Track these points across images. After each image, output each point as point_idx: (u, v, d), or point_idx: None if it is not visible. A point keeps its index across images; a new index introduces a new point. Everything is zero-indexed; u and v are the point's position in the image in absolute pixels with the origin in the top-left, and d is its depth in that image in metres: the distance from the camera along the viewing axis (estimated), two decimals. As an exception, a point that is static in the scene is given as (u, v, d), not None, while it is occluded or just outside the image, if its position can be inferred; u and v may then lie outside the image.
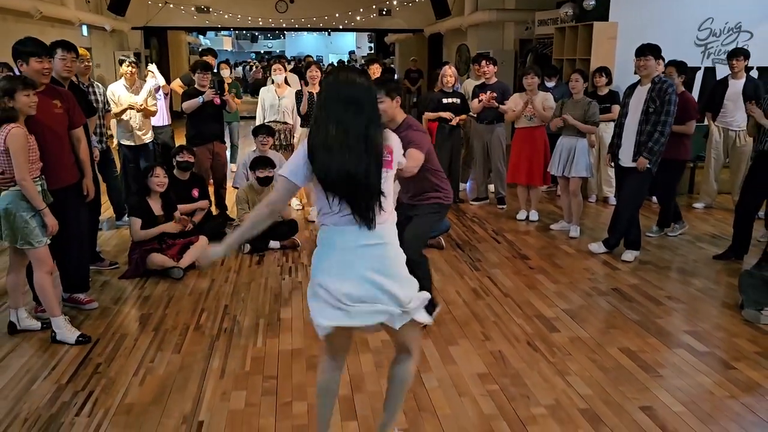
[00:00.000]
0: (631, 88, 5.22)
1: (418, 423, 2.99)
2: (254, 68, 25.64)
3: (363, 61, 28.30)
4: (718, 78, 7.39)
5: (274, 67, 6.93)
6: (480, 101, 6.96)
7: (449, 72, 7.31)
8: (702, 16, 7.58)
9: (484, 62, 7.15)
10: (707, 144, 7.05)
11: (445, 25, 14.51)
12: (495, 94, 6.80)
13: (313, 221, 6.59)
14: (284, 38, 34.11)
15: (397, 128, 3.55)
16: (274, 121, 6.81)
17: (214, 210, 6.41)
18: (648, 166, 4.96)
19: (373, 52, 26.13)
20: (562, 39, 8.47)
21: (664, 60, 5.67)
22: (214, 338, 3.91)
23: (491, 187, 7.53)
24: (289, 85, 7.18)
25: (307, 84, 6.76)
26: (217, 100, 6.15)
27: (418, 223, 3.91)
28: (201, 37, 27.48)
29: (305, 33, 30.60)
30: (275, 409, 3.11)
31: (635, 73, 5.28)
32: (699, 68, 7.77)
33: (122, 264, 5.19)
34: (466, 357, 3.65)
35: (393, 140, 2.45)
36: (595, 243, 5.59)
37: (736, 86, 6.53)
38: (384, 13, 16.41)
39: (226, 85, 7.98)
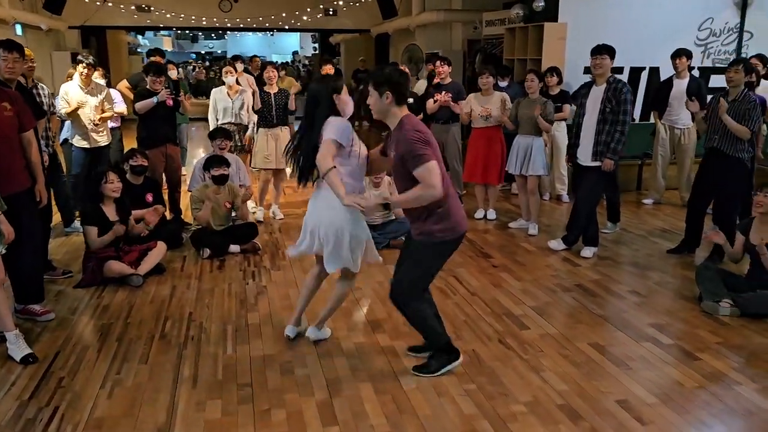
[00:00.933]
0: (587, 88, 5.34)
1: (399, 425, 2.97)
2: (197, 69, 25.10)
3: (306, 62, 28.13)
4: (662, 78, 7.67)
5: (225, 69, 6.78)
6: (436, 101, 7.00)
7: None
8: (647, 18, 7.83)
9: (438, 62, 7.20)
10: (654, 142, 7.30)
11: (393, 25, 14.57)
12: (450, 95, 6.86)
13: (261, 221, 6.50)
14: (226, 38, 33.48)
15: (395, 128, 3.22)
16: (228, 123, 6.68)
17: (168, 215, 6.24)
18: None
19: (317, 52, 25.94)
20: (512, 39, 8.61)
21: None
22: (181, 347, 3.79)
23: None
24: (240, 86, 7.05)
25: (264, 84, 6.65)
26: (170, 102, 5.98)
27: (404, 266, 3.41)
28: (139, 37, 26.70)
29: (248, 33, 30.14)
30: (253, 417, 3.04)
31: (589, 72, 5.41)
32: (644, 68, 8.03)
33: (76, 272, 4.97)
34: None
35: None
36: (555, 240, 5.70)
37: (681, 85, 6.78)
38: (330, 13, 16.33)
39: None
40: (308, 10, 15.79)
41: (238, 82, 7.10)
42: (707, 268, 4.53)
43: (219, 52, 34.76)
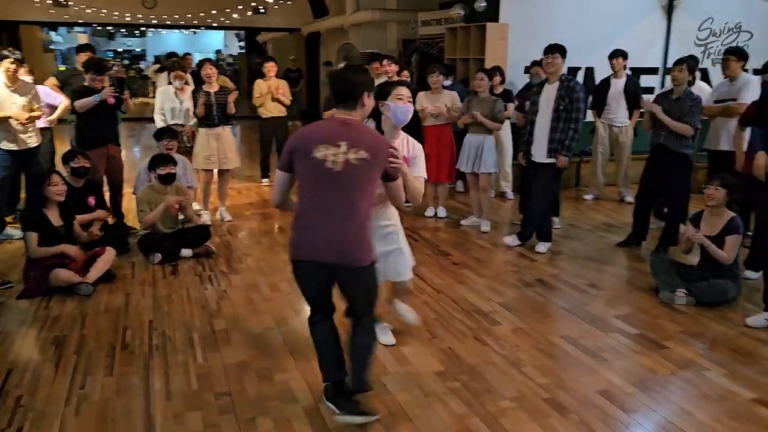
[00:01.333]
0: (539, 87, 5.45)
1: (393, 427, 2.92)
2: (116, 67, 24.05)
3: (231, 60, 27.45)
4: (596, 77, 7.95)
5: (174, 74, 6.52)
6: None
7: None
8: (582, 19, 8.08)
9: (385, 61, 7.18)
10: (594, 139, 7.55)
11: (325, 24, 14.44)
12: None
13: (209, 224, 6.28)
14: (146, 36, 32.24)
15: None
16: (175, 124, 6.42)
17: (110, 219, 5.92)
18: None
19: (244, 51, 25.40)
20: (453, 39, 8.70)
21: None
22: (147, 357, 3.59)
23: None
24: (189, 86, 6.80)
25: (203, 83, 6.40)
26: (112, 100, 5.67)
27: None
28: (52, 33, 25.36)
29: (169, 30, 29.12)
30: (238, 427, 2.91)
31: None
32: (580, 68, 8.29)
33: (16, 282, 4.63)
34: (419, 357, 3.62)
35: None
36: (510, 236, 5.79)
37: (618, 85, 7.05)
38: (261, 11, 16.01)
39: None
40: (240, 7, 15.41)
41: (186, 83, 6.85)
42: (661, 260, 4.72)
43: (138, 50, 33.39)
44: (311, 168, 2.66)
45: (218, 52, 33.17)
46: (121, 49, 32.96)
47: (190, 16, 15.28)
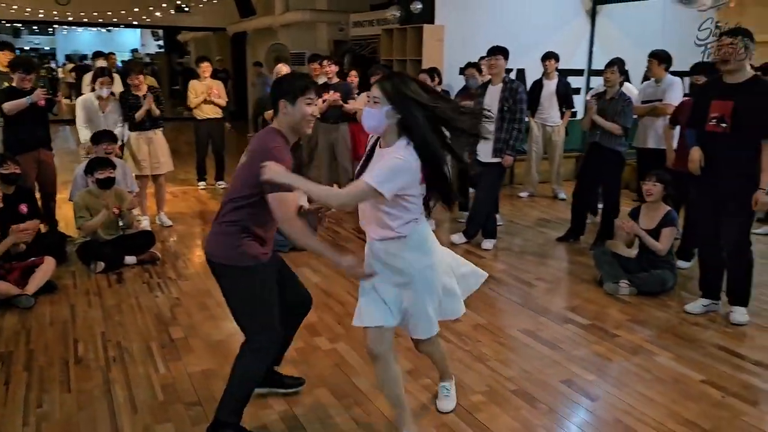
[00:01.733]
0: (483, 88, 5.60)
1: (372, 427, 2.94)
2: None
3: (149, 60, 26.52)
4: (527, 79, 8.23)
5: (100, 79, 5.91)
6: (324, 101, 6.97)
7: (284, 70, 7.24)
8: (513, 22, 8.34)
9: (326, 62, 7.17)
10: (528, 139, 7.81)
11: (253, 24, 14.22)
12: (338, 94, 6.88)
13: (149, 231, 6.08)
14: (55, 34, 30.62)
15: None
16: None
17: (42, 227, 5.61)
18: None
19: (163, 50, 24.61)
20: (389, 40, 8.78)
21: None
22: (104, 370, 3.45)
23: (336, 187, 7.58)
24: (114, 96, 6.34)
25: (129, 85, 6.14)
26: (43, 102, 5.38)
27: None
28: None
29: (80, 28, 27.80)
30: (215, 437, 2.85)
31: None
32: (512, 69, 8.54)
33: (-53, 297, 4.33)
34: (386, 355, 3.64)
35: None
36: (456, 234, 5.91)
37: (550, 86, 7.33)
38: (184, 9, 15.58)
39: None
40: (164, 5, 14.92)
41: (113, 93, 6.40)
42: (604, 252, 4.95)
43: (46, 48, 31.66)
44: None
45: (134, 51, 31.98)
46: (27, 47, 31.18)
47: (110, 13, 14.68)
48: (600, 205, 6.06)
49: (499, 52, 5.41)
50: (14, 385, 3.28)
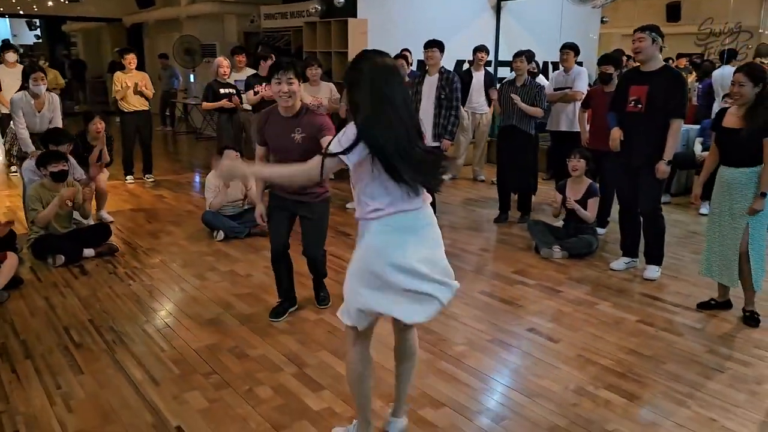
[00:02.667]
0: (420, 78, 6.06)
1: (381, 377, 3.32)
2: None
3: (24, 51, 24.79)
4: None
5: (34, 75, 5.70)
6: (256, 93, 7.19)
7: (225, 63, 7.39)
8: (430, 16, 8.88)
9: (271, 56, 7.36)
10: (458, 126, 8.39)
11: (155, 15, 13.91)
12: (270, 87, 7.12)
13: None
14: None
15: (297, 114, 3.67)
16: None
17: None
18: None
19: (41, 41, 23.16)
20: (311, 33, 9.05)
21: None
22: (109, 352, 3.60)
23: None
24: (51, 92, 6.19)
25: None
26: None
27: (320, 225, 3.97)
28: None
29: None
30: (241, 398, 3.13)
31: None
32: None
33: None
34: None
35: None
36: (399, 214, 6.36)
37: (479, 77, 7.94)
38: (73, -2, 14.87)
39: None
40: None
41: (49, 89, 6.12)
42: (536, 223, 5.60)
43: None
44: None
45: (5, 41, 29.79)
46: None
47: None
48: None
49: (435, 45, 5.90)
50: (23, 372, 3.37)
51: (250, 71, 7.69)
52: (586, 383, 3.28)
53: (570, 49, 6.71)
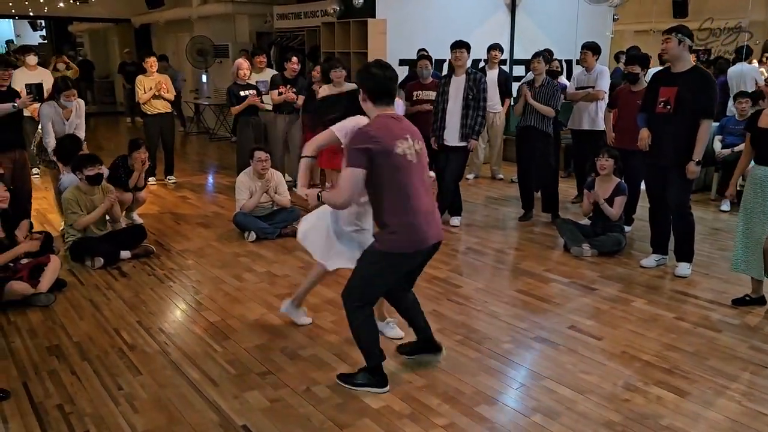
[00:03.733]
0: (447, 78, 6.12)
1: (436, 380, 3.40)
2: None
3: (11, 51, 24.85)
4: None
5: (66, 92, 5.68)
6: (280, 94, 7.28)
7: (245, 65, 7.45)
8: (445, 15, 8.95)
9: (295, 59, 7.41)
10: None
11: (165, 16, 13.94)
12: (294, 90, 7.23)
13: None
14: None
15: None
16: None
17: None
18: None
19: (46, 42, 23.17)
20: (329, 34, 9.11)
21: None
22: (163, 353, 3.67)
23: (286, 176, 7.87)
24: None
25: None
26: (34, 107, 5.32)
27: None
28: None
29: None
30: (301, 398, 3.20)
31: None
32: (445, 60, 9.16)
33: (-41, 301, 4.30)
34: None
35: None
36: (425, 214, 6.43)
37: (492, 75, 7.99)
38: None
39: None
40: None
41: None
42: (565, 221, 5.68)
43: None
44: (397, 162, 2.91)
45: (9, 42, 29.78)
46: None
47: (7, 4, 13.80)
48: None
49: (463, 45, 5.96)
50: (82, 374, 3.44)
51: (271, 72, 7.77)
52: (634, 379, 3.37)
53: (587, 48, 6.73)
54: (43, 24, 23.24)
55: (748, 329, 3.99)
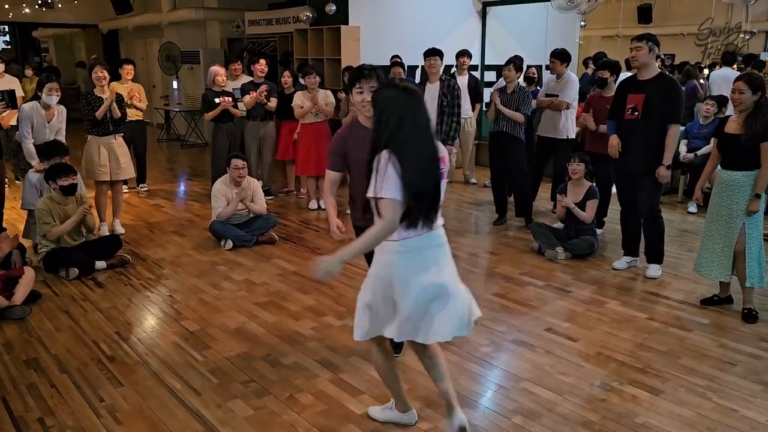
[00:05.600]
0: (422, 86, 6.19)
1: (419, 384, 3.45)
2: None
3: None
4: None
5: (49, 85, 5.64)
6: (252, 97, 7.28)
7: (221, 72, 7.43)
8: (418, 22, 9.03)
9: (263, 61, 7.42)
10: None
11: (134, 21, 13.80)
12: (265, 90, 7.23)
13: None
14: None
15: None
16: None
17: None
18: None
19: (10, 47, 22.72)
20: (302, 40, 9.13)
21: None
22: (144, 364, 3.66)
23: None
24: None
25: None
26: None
27: None
28: None
29: None
30: (284, 405, 3.22)
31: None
32: (417, 66, 9.25)
33: (-70, 315, 4.22)
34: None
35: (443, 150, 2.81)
36: (401, 219, 6.49)
37: (463, 81, 8.08)
38: (49, 3, 14.65)
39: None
40: (22, 3, 13.98)
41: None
42: (539, 225, 5.79)
43: None
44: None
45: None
46: None
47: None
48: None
49: (435, 53, 6.05)
50: (62, 387, 3.40)
51: (247, 78, 7.75)
52: (610, 379, 3.46)
53: (555, 57, 6.76)
54: (7, 29, 22.80)
55: (717, 328, 4.12)
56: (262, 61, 7.30)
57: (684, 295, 4.68)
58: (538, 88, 7.72)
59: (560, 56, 6.92)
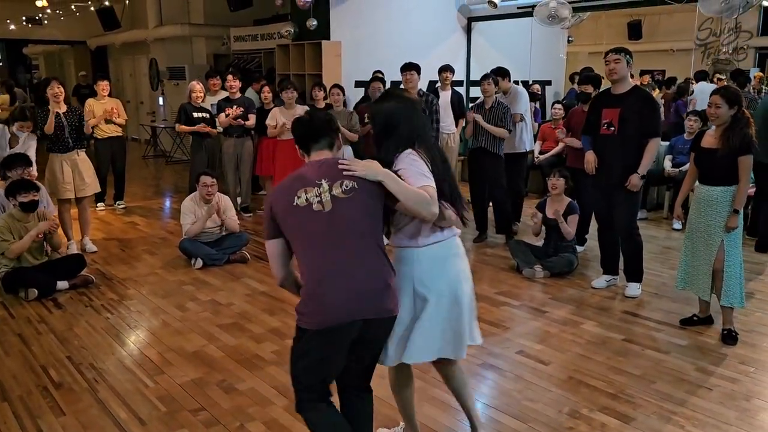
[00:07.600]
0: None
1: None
2: None
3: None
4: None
5: (21, 124, 5.62)
6: (227, 116, 7.15)
7: (198, 88, 7.32)
8: (399, 38, 8.94)
9: (230, 77, 7.32)
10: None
11: (121, 38, 13.74)
12: (241, 109, 7.12)
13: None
14: None
15: None
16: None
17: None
18: None
19: (1, 64, 22.70)
20: (284, 56, 9.03)
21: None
22: (91, 391, 3.48)
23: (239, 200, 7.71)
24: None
25: (46, 103, 5.99)
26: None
27: None
28: None
29: None
30: (233, 435, 3.05)
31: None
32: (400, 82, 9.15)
33: None
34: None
35: None
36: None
37: (446, 97, 7.95)
38: (38, 19, 14.59)
39: None
40: (13, 17, 13.93)
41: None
42: (518, 243, 5.63)
43: None
44: (298, 219, 2.31)
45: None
46: None
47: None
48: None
49: (412, 68, 5.93)
50: (0, 417, 3.23)
51: (225, 94, 7.64)
52: (579, 406, 3.28)
53: (497, 75, 6.52)
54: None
55: (696, 350, 3.95)
56: (230, 77, 7.20)
57: (663, 315, 4.51)
58: (537, 107, 7.57)
59: (502, 73, 6.76)
